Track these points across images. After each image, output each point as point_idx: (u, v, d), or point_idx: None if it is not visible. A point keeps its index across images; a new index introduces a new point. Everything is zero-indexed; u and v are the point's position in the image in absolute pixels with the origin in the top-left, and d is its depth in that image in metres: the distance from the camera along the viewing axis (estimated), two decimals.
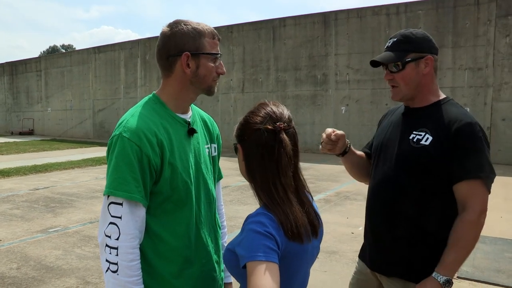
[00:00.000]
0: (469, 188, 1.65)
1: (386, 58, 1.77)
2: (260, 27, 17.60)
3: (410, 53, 1.75)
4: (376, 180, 1.85)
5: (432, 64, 1.78)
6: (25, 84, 28.34)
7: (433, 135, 1.70)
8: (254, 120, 1.28)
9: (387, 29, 14.49)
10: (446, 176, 1.68)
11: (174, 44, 1.49)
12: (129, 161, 1.39)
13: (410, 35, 1.78)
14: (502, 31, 12.78)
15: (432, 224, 1.73)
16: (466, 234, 1.64)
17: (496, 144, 12.93)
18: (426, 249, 1.74)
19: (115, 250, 1.38)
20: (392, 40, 1.81)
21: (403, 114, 1.88)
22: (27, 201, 7.85)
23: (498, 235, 5.62)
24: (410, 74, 1.76)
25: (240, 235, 1.21)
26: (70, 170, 11.89)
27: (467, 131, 1.66)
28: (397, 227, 1.76)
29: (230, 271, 1.30)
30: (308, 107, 16.31)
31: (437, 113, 1.76)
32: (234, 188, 8.83)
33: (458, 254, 1.64)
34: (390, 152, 1.81)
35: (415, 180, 1.72)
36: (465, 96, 13.33)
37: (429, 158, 1.68)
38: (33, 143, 20.42)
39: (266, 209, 1.23)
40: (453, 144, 1.65)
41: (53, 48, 67.27)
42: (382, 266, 1.83)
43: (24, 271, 4.43)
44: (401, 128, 1.83)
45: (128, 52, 22.31)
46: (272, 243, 1.13)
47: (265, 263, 1.08)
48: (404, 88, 1.78)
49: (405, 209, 1.74)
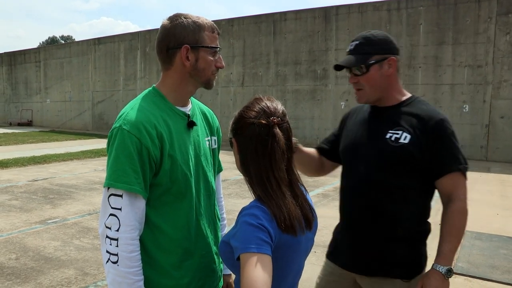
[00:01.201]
0: (452, 181, 1.73)
1: (350, 62, 1.79)
2: (260, 21, 17.55)
3: (373, 56, 1.77)
4: (354, 181, 1.83)
5: (395, 65, 1.81)
6: (24, 74, 28.26)
7: (411, 133, 1.73)
8: (248, 115, 1.31)
9: (387, 25, 14.47)
10: (425, 172, 1.74)
11: (174, 37, 1.51)
12: (128, 153, 1.41)
13: (372, 37, 1.80)
14: (502, 29, 12.78)
15: (413, 220, 1.79)
16: (457, 223, 1.72)
17: (494, 142, 12.98)
18: (409, 244, 1.79)
19: (115, 241, 1.40)
20: (354, 43, 1.82)
21: (373, 114, 1.88)
22: (25, 192, 7.87)
23: (494, 231, 5.67)
24: (374, 76, 1.77)
25: (235, 228, 1.23)
26: (69, 162, 11.90)
27: (442, 127, 1.73)
28: (381, 226, 1.77)
29: (225, 263, 1.32)
30: (307, 102, 16.32)
31: (409, 112, 1.79)
32: (233, 182, 8.86)
33: (453, 243, 1.71)
34: (366, 152, 1.81)
35: (396, 178, 1.74)
36: (464, 93, 13.35)
37: (410, 156, 1.72)
38: (32, 134, 20.41)
39: (259, 201, 1.25)
40: (432, 141, 1.71)
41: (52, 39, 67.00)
42: (364, 266, 1.82)
43: (23, 262, 4.46)
44: (374, 127, 1.84)
45: (128, 44, 22.25)
46: (265, 235, 1.15)
47: (257, 254, 1.10)
48: (369, 91, 1.80)
49: (387, 208, 1.76)
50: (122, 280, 1.40)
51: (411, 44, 14.15)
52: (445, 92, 13.65)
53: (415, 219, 1.79)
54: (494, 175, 10.35)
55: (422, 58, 13.98)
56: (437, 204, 1.83)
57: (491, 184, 9.24)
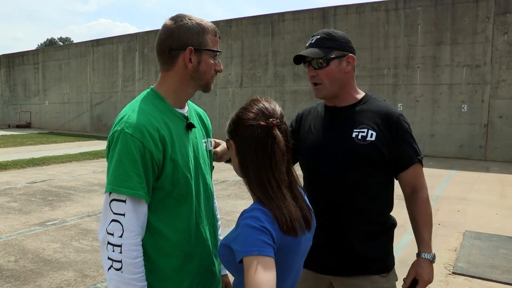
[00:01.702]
0: (414, 172, 1.82)
1: (313, 53, 1.80)
2: (259, 22, 17.57)
3: (334, 51, 1.79)
4: (324, 182, 1.82)
5: (353, 63, 1.84)
6: (22, 76, 28.24)
7: (375, 130, 1.77)
8: (247, 116, 1.29)
9: (386, 25, 14.49)
10: (390, 167, 1.81)
11: (178, 38, 1.48)
12: (132, 157, 1.38)
13: (333, 34, 1.83)
14: (500, 29, 12.80)
15: (383, 215, 1.86)
16: (428, 210, 1.83)
17: (493, 141, 13.00)
18: (382, 239, 1.84)
19: (118, 247, 1.36)
20: (315, 37, 1.85)
21: (332, 115, 1.89)
22: (24, 194, 7.86)
23: (493, 231, 5.67)
24: (334, 70, 1.80)
25: (235, 230, 1.22)
26: (67, 164, 11.89)
27: (402, 122, 1.80)
28: (354, 225, 1.78)
29: (225, 266, 1.31)
30: (306, 103, 16.32)
31: (369, 109, 1.83)
32: (231, 183, 8.85)
33: (430, 230, 1.82)
34: (334, 153, 1.80)
35: (366, 175, 1.77)
36: (463, 93, 13.37)
37: (378, 152, 1.76)
38: (31, 136, 20.38)
39: (260, 204, 1.24)
40: (395, 136, 1.78)
41: (50, 41, 66.93)
42: (338, 266, 1.81)
43: (22, 264, 4.45)
44: (337, 128, 1.84)
45: (126, 45, 22.25)
46: (268, 237, 1.15)
47: (261, 257, 1.10)
48: (328, 85, 1.82)
49: (360, 205, 1.78)
50: (126, 287, 1.37)
51: (409, 44, 14.16)
52: (443, 92, 13.66)
53: (385, 213, 1.87)
54: (493, 175, 10.36)
55: (420, 58, 14.00)
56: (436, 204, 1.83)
57: (490, 183, 9.24)
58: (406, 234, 5.13)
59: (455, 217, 6.36)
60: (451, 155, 13.42)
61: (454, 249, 4.99)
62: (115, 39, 23.01)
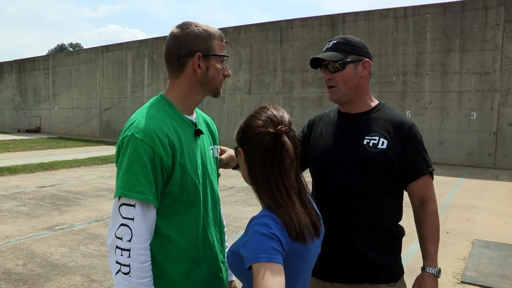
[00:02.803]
0: (423, 183, 1.80)
1: (329, 56, 1.81)
2: (267, 29, 17.63)
3: (350, 55, 1.81)
4: (333, 189, 1.81)
5: (369, 68, 1.85)
6: (33, 82, 28.54)
7: (387, 139, 1.76)
8: (255, 124, 1.30)
9: (394, 32, 14.47)
10: (400, 176, 1.79)
11: (185, 44, 1.51)
12: (142, 162, 1.39)
13: (350, 39, 1.85)
14: (510, 36, 12.73)
15: (391, 223, 1.84)
16: (436, 223, 1.80)
17: (502, 149, 12.88)
18: (390, 248, 1.82)
19: (127, 252, 1.37)
20: (332, 42, 1.86)
21: (344, 121, 1.88)
22: (33, 198, 7.91)
23: (503, 240, 5.61)
24: (350, 74, 1.80)
25: (244, 237, 1.23)
26: (76, 168, 11.96)
27: (415, 133, 1.80)
28: (361, 232, 1.77)
29: (233, 272, 1.31)
30: (314, 109, 16.30)
31: (382, 117, 1.83)
32: (239, 189, 8.86)
33: (437, 244, 1.78)
34: (344, 160, 1.79)
35: (375, 183, 1.76)
36: (472, 100, 13.29)
37: (389, 160, 1.75)
38: (40, 141, 20.55)
39: (269, 210, 1.25)
40: (407, 146, 1.77)
41: (61, 47, 67.59)
42: (346, 274, 1.79)
43: (30, 268, 4.47)
44: (349, 134, 1.84)
45: (135, 51, 22.42)
46: (277, 244, 1.15)
47: (270, 264, 1.10)
48: (344, 88, 1.81)
49: (369, 213, 1.76)
50: None
51: (418, 51, 14.13)
52: (452, 99, 13.59)
53: (394, 222, 1.85)
54: (502, 183, 10.26)
55: (429, 66, 13.95)
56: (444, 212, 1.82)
57: (499, 192, 9.16)
58: (414, 242, 5.09)
59: (463, 225, 6.30)
60: (460, 163, 13.32)
61: (463, 257, 4.94)
62: (124, 45, 23.20)
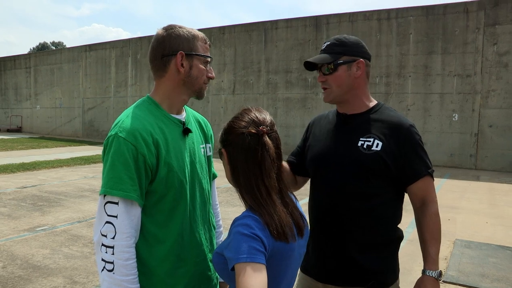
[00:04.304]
0: (424, 185, 1.77)
1: (319, 59, 1.82)
2: (252, 29, 17.64)
3: (342, 56, 1.80)
4: (327, 190, 1.81)
5: (364, 68, 1.82)
6: (14, 80, 28.07)
7: (382, 140, 1.74)
8: (238, 125, 1.33)
9: (378, 34, 14.62)
10: (397, 179, 1.76)
11: (169, 44, 1.54)
12: (124, 160, 1.41)
13: (344, 39, 1.83)
14: (490, 39, 12.98)
15: (387, 226, 1.81)
16: (436, 225, 1.79)
17: (483, 151, 13.12)
18: (385, 251, 1.80)
19: (111, 249, 1.40)
20: (326, 44, 1.86)
21: (341, 122, 1.88)
22: (14, 199, 7.78)
23: (483, 240, 5.71)
24: (342, 76, 1.79)
25: (228, 239, 1.24)
26: (58, 169, 11.80)
27: (412, 134, 1.76)
28: (354, 234, 1.76)
29: (219, 274, 1.32)
30: (298, 110, 16.38)
31: (378, 118, 1.81)
32: (223, 190, 8.84)
33: (437, 246, 1.77)
34: (338, 161, 1.79)
35: (370, 185, 1.74)
36: (454, 102, 13.50)
37: (383, 162, 1.72)
38: (21, 141, 20.22)
39: (251, 211, 1.26)
40: (403, 147, 1.74)
41: (43, 45, 66.62)
42: (335, 275, 1.79)
43: (11, 270, 4.40)
44: (344, 135, 1.83)
45: (119, 51, 22.22)
46: (259, 244, 1.16)
47: (252, 264, 1.11)
48: (336, 90, 1.81)
49: (360, 215, 1.75)
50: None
51: (401, 53, 14.30)
52: (434, 101, 13.79)
53: (390, 225, 1.82)
54: (483, 184, 10.45)
55: (412, 67, 14.14)
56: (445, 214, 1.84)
57: (480, 192, 9.32)
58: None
59: (445, 226, 6.39)
60: (442, 164, 13.52)
61: (444, 257, 5.02)
62: (108, 45, 22.98)
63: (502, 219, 6.93)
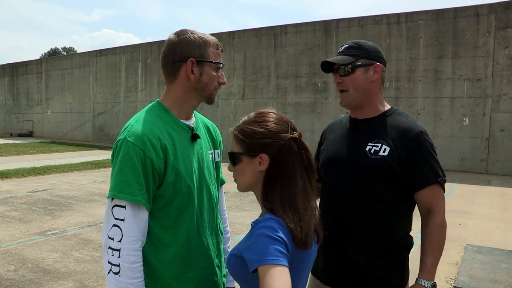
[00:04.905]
0: (431, 193, 1.73)
1: (339, 59, 1.81)
2: (261, 34, 17.68)
3: (360, 59, 1.80)
4: (335, 195, 1.82)
5: (380, 72, 1.82)
6: (25, 85, 28.39)
7: (390, 146, 1.73)
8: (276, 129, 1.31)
9: (387, 38, 14.57)
10: (404, 185, 1.74)
11: (180, 50, 1.55)
12: (132, 164, 1.43)
13: (362, 43, 1.84)
14: (501, 43, 12.87)
15: (394, 233, 1.78)
16: (439, 236, 1.72)
17: (494, 155, 12.98)
18: (391, 258, 1.78)
19: (117, 252, 1.41)
20: (344, 46, 1.86)
21: (353, 127, 1.88)
22: (25, 203, 7.86)
23: (495, 245, 5.64)
24: (359, 78, 1.79)
25: (248, 240, 1.22)
26: (69, 173, 11.90)
27: (422, 140, 1.74)
28: (360, 239, 1.75)
29: (234, 277, 1.30)
30: (308, 115, 16.36)
31: (389, 124, 1.80)
32: (233, 194, 8.85)
33: (436, 257, 1.71)
34: (346, 166, 1.80)
35: (376, 191, 1.73)
36: (464, 106, 13.39)
37: (389, 168, 1.71)
38: (32, 145, 20.42)
39: (274, 214, 1.25)
40: (411, 153, 1.72)
41: (54, 50, 67.32)
42: (345, 280, 1.79)
43: (22, 274, 4.43)
44: (354, 140, 1.83)
45: (129, 56, 22.38)
46: (283, 247, 1.15)
47: (277, 266, 1.10)
48: (353, 93, 1.81)
49: (366, 221, 1.74)
50: None
51: (411, 57, 14.23)
52: (445, 105, 13.69)
53: (397, 232, 1.79)
54: (494, 188, 10.34)
55: (422, 72, 14.06)
56: None
57: (491, 197, 9.22)
58: None
59: (456, 231, 6.33)
60: (453, 168, 13.40)
61: (455, 262, 4.97)
62: (118, 50, 23.16)
63: None
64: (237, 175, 1.37)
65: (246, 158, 1.33)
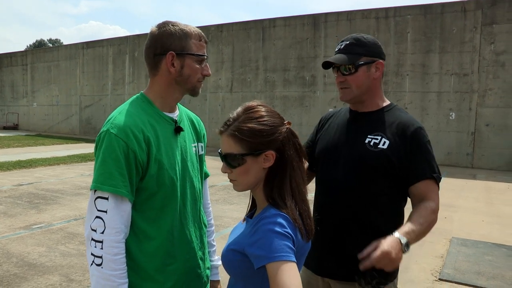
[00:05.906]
0: (426, 186, 1.73)
1: (340, 60, 1.79)
2: (250, 27, 17.62)
3: (362, 57, 1.79)
4: (331, 186, 1.81)
5: (382, 69, 1.83)
6: (10, 77, 27.97)
7: (389, 139, 1.74)
8: (275, 123, 1.28)
9: (376, 33, 14.61)
10: (400, 179, 1.74)
11: (161, 43, 1.54)
12: (115, 156, 1.42)
13: (363, 39, 1.82)
14: (487, 39, 12.99)
15: (388, 226, 1.74)
16: (429, 217, 1.67)
17: (479, 149, 13.15)
18: None
19: (100, 243, 1.41)
20: (344, 43, 1.83)
21: (352, 118, 1.88)
22: (10, 196, 7.76)
23: (479, 238, 5.72)
24: (362, 76, 1.79)
25: (253, 236, 1.19)
26: (55, 166, 11.77)
27: (420, 136, 1.75)
28: (354, 232, 1.75)
29: (230, 271, 1.28)
30: (296, 108, 16.38)
31: (389, 118, 1.81)
32: (220, 188, 8.84)
33: (419, 229, 1.62)
34: (343, 157, 1.79)
35: (372, 183, 1.74)
36: (451, 101, 13.52)
37: (388, 161, 1.71)
38: (18, 138, 20.16)
39: (279, 208, 1.22)
40: (410, 148, 1.73)
41: (40, 42, 66.36)
42: (337, 272, 1.79)
43: (6, 268, 4.38)
44: (353, 132, 1.83)
45: (116, 48, 22.16)
46: (291, 243, 1.15)
47: (289, 263, 1.10)
48: (356, 90, 1.80)
49: (361, 213, 1.75)
50: (106, 282, 1.41)
51: (399, 52, 14.31)
52: (432, 99, 13.81)
53: (391, 225, 1.75)
54: (479, 182, 10.47)
55: (410, 66, 14.15)
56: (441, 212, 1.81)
57: (476, 191, 9.34)
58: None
59: (442, 224, 6.41)
60: (439, 162, 13.28)
61: (441, 255, 5.03)
62: (105, 42, 22.92)
63: (498, 218, 6.95)
64: (240, 176, 1.28)
65: (250, 158, 1.25)
